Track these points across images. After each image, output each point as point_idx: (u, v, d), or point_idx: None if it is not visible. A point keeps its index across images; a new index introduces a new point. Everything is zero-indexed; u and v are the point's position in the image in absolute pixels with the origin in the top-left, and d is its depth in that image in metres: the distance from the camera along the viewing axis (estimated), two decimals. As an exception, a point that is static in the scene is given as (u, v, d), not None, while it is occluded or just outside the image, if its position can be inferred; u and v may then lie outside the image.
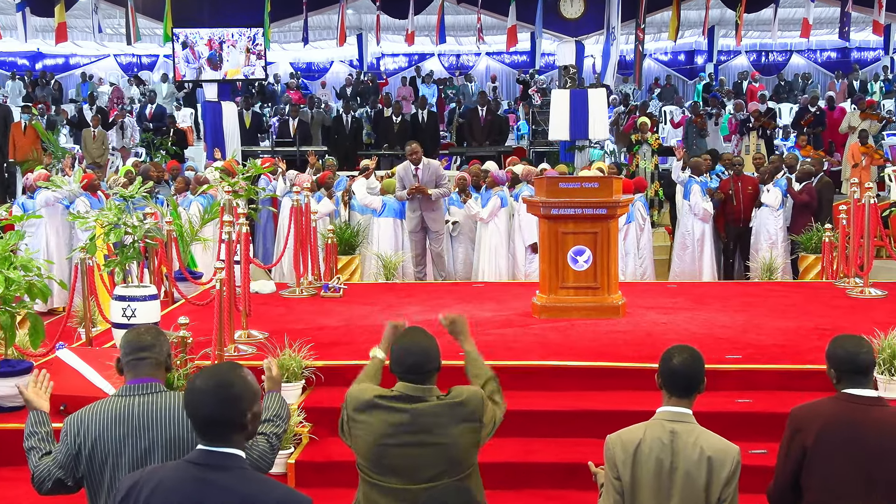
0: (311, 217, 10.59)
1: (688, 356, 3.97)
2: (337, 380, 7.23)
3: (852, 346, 4.17)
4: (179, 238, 10.27)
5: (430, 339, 4.09)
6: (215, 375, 3.18)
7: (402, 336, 4.15)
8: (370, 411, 4.01)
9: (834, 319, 8.76)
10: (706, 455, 3.82)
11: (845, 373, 4.13)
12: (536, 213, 9.14)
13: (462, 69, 28.80)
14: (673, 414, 3.93)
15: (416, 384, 4.00)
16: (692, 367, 3.95)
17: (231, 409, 3.12)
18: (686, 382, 3.95)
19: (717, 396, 6.94)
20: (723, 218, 12.67)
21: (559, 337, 8.20)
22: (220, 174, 10.08)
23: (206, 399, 3.12)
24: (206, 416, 3.11)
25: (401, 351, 4.05)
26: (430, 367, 4.03)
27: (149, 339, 3.91)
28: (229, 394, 3.13)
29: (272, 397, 4.11)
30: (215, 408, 3.10)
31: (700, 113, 19.09)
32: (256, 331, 8.28)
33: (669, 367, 3.96)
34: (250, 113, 19.63)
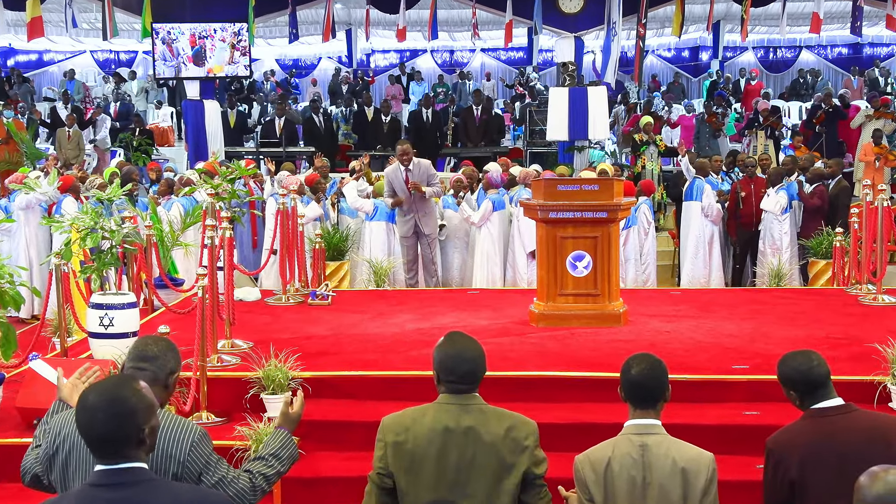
0: (297, 221, 10.59)
1: (646, 366, 4.00)
2: (325, 391, 7.23)
3: (802, 364, 4.21)
4: (160, 243, 10.27)
5: (478, 345, 4.09)
6: (109, 391, 3.14)
7: (447, 342, 4.09)
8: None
9: (845, 328, 8.77)
10: (679, 466, 3.84)
11: (804, 392, 4.18)
12: (534, 216, 9.14)
13: (456, 66, 28.84)
14: (641, 427, 3.95)
15: (465, 394, 4.00)
16: (652, 377, 3.98)
17: (126, 425, 3.09)
18: (647, 393, 3.97)
19: (725, 408, 6.95)
20: (734, 221, 12.67)
21: (558, 346, 8.20)
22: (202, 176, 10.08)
23: (98, 416, 3.08)
24: (102, 434, 3.08)
25: (450, 359, 4.01)
26: (482, 373, 4.04)
27: (154, 351, 3.89)
28: (124, 409, 3.09)
29: (278, 434, 4.03)
30: (110, 424, 3.07)
31: (714, 112, 19.13)
32: (241, 340, 8.26)
33: (629, 379, 3.99)
34: (235, 112, 19.63)
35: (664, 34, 27.28)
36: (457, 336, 4.13)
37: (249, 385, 6.95)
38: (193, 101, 17.63)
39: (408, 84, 25.64)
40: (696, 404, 6.90)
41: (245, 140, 19.81)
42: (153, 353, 3.88)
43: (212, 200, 9.26)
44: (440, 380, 4.04)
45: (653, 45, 28.76)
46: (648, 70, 28.47)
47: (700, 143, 18.42)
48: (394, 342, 8.33)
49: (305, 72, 29.12)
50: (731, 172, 13.64)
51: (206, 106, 17.57)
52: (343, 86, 25.02)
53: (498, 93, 27.21)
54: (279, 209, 10.31)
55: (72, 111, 19.91)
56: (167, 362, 3.90)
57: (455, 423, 3.94)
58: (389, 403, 4.34)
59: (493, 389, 7.20)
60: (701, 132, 18.78)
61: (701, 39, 28.74)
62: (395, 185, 11.69)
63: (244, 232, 13.36)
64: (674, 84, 26.83)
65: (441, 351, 4.06)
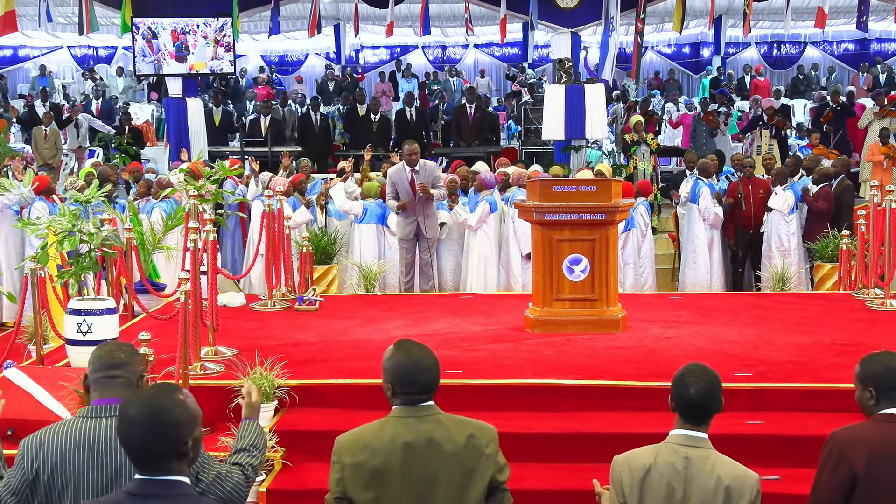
0: (284, 223, 10.59)
1: (704, 386, 3.97)
2: (313, 400, 7.24)
3: (890, 360, 4.16)
4: (140, 246, 10.25)
5: (429, 352, 4.07)
6: (150, 402, 3.15)
7: (400, 352, 4.06)
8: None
9: (852, 334, 8.79)
10: (724, 484, 3.82)
11: (885, 390, 4.11)
12: (529, 218, 9.15)
13: (448, 62, 28.86)
14: (687, 438, 3.94)
15: (421, 405, 3.98)
16: (711, 396, 3.96)
17: (169, 437, 3.10)
18: (704, 412, 3.96)
19: (726, 418, 6.89)
20: (731, 223, 12.70)
21: (554, 353, 8.21)
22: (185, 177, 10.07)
23: (139, 428, 3.09)
24: (143, 447, 3.08)
25: (403, 369, 3.99)
26: (434, 384, 4.02)
27: (122, 357, 3.88)
28: (166, 421, 3.11)
29: (249, 425, 4.10)
30: (152, 437, 3.08)
31: (711, 110, 19.14)
32: (225, 347, 8.26)
33: (686, 399, 3.95)
34: (220, 110, 19.63)
35: (664, 29, 27.32)
36: (409, 345, 4.10)
37: (234, 394, 6.94)
38: (175, 99, 17.62)
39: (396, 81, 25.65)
40: (698, 413, 6.90)
41: (229, 139, 19.80)
42: (121, 359, 3.86)
43: (195, 202, 9.25)
44: (395, 392, 4.00)
45: (652, 40, 28.80)
46: (648, 67, 28.51)
47: (697, 143, 18.44)
48: (384, 349, 8.27)
49: (292, 69, 29.12)
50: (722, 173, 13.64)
51: (188, 104, 17.55)
52: (329, 83, 25.02)
53: (492, 90, 27.23)
54: (265, 211, 10.30)
55: (50, 109, 19.89)
56: (136, 367, 3.90)
57: (415, 436, 3.92)
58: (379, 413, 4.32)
59: (487, 398, 7.23)
60: (697, 131, 18.80)
61: (702, 35, 28.79)
62: (398, 186, 11.57)
63: (230, 234, 13.36)
64: (669, 81, 26.83)
65: (394, 362, 4.02)
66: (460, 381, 7.32)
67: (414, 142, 12.00)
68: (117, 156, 17.53)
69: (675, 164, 18.61)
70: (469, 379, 7.42)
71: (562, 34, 17.54)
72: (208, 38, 17.42)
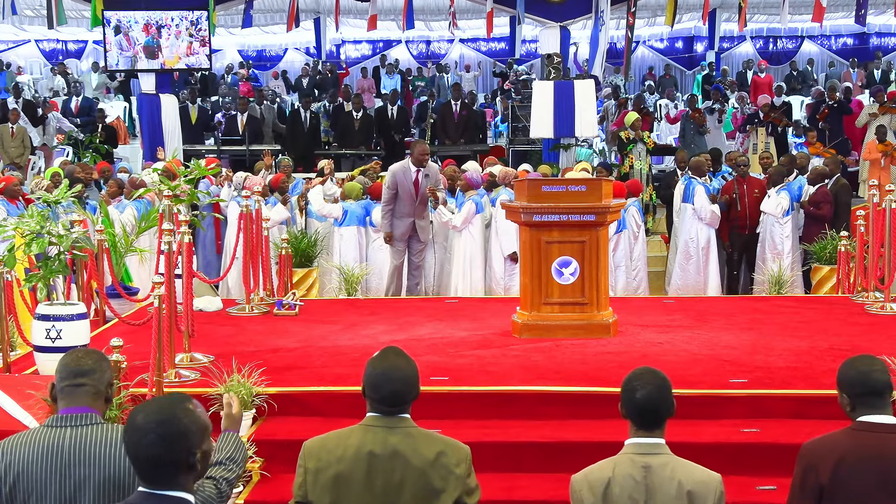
0: (262, 225, 10.57)
1: (652, 388, 3.99)
2: (292, 408, 7.22)
3: (864, 365, 4.18)
4: (112, 249, 10.23)
5: (409, 363, 4.07)
6: (159, 410, 3.15)
7: (377, 358, 4.10)
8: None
9: (851, 338, 8.82)
10: (685, 489, 3.84)
11: (859, 396, 4.14)
12: (517, 219, 9.15)
13: (433, 58, 28.87)
14: (644, 446, 3.96)
15: (393, 416, 3.99)
16: (659, 398, 3.98)
17: (177, 448, 3.09)
18: (655, 416, 3.98)
19: (722, 425, 6.97)
20: (726, 225, 12.72)
21: (543, 359, 8.21)
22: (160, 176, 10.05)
23: (148, 437, 3.09)
24: (150, 457, 3.08)
25: (377, 376, 4.01)
26: (410, 396, 4.01)
27: (89, 364, 3.86)
28: (175, 430, 3.10)
29: (227, 437, 4.08)
30: (159, 447, 3.08)
31: (698, 107, 19.18)
32: (200, 354, 8.24)
33: (634, 403, 3.98)
34: (196, 107, 19.57)
35: (656, 23, 27.39)
36: (390, 352, 4.12)
37: (210, 402, 6.92)
38: (149, 96, 17.57)
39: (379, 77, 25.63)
40: (692, 421, 6.91)
41: (205, 137, 19.76)
42: (88, 366, 3.85)
43: (169, 203, 9.23)
44: (366, 398, 4.04)
45: (644, 35, 28.86)
46: (639, 62, 28.57)
47: (685, 141, 18.47)
48: (366, 355, 8.21)
49: (270, 64, 29.08)
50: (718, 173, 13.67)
51: (162, 101, 17.51)
52: (304, 79, 24.95)
53: (479, 87, 27.25)
54: (242, 212, 10.28)
55: (23, 106, 19.81)
56: (104, 374, 3.88)
57: (381, 446, 3.93)
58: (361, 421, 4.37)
59: (473, 406, 7.24)
60: (686, 129, 18.83)
61: (696, 29, 28.86)
62: (400, 185, 11.46)
63: (206, 236, 13.33)
64: (665, 77, 26.90)
65: (369, 366, 4.06)
66: (446, 389, 7.32)
67: (424, 142, 12.02)
68: (88, 154, 17.46)
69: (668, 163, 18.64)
70: (455, 386, 7.41)
71: (550, 28, 17.56)
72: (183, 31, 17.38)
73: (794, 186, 12.56)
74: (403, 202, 11.50)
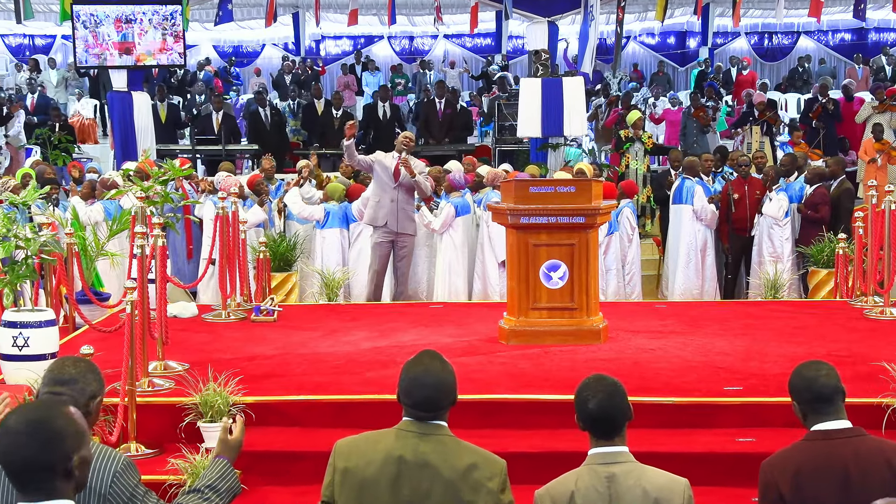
0: (239, 227, 10.56)
1: (603, 396, 4.01)
2: (271, 418, 7.22)
3: (810, 372, 4.25)
4: (82, 253, 10.20)
5: (445, 368, 4.07)
6: (31, 413, 3.10)
7: (412, 361, 4.09)
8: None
9: (849, 344, 8.86)
10: (651, 497, 3.86)
11: (808, 403, 4.21)
12: (503, 222, 9.16)
13: (416, 54, 28.88)
14: (606, 455, 3.97)
15: (428, 421, 3.99)
16: (612, 406, 4.00)
17: (52, 451, 3.03)
18: (611, 424, 4.00)
19: (716, 435, 6.99)
20: (726, 226, 12.74)
21: (531, 366, 8.22)
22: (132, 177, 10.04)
23: (20, 440, 3.02)
24: (23, 461, 3.03)
25: (410, 380, 4.01)
26: (445, 402, 4.01)
27: (72, 373, 3.83)
28: (49, 433, 3.04)
29: (216, 464, 3.93)
30: (33, 450, 3.02)
31: (701, 105, 19.19)
32: (175, 362, 8.23)
33: (587, 413, 4.01)
34: (166, 105, 19.52)
35: (647, 18, 27.46)
36: (425, 356, 4.12)
37: (185, 412, 6.92)
38: (120, 93, 17.50)
39: (361, 74, 25.60)
40: (684, 430, 6.94)
41: (179, 136, 19.71)
42: (71, 375, 3.82)
43: (142, 205, 9.21)
44: (400, 401, 4.05)
45: (635, 30, 28.94)
46: (630, 58, 28.62)
47: (687, 141, 18.50)
48: (348, 363, 8.32)
49: (248, 60, 29.03)
50: (719, 172, 13.71)
51: (134, 98, 17.45)
52: (286, 76, 24.94)
53: (464, 84, 27.26)
54: (218, 214, 10.27)
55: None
56: (87, 385, 3.83)
57: (412, 452, 3.93)
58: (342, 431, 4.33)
59: (458, 415, 7.21)
60: (688, 128, 18.84)
61: (688, 24, 28.94)
62: (378, 162, 11.44)
63: (178, 240, 13.29)
64: (658, 74, 26.94)
65: (404, 370, 4.07)
66: (430, 397, 7.32)
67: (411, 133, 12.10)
68: (55, 153, 17.39)
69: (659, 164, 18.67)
70: (439, 395, 7.41)
71: (538, 24, 17.58)
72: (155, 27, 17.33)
73: (795, 187, 12.58)
74: (383, 183, 11.49)
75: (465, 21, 24.02)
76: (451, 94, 20.47)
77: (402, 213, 11.54)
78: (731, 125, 19.99)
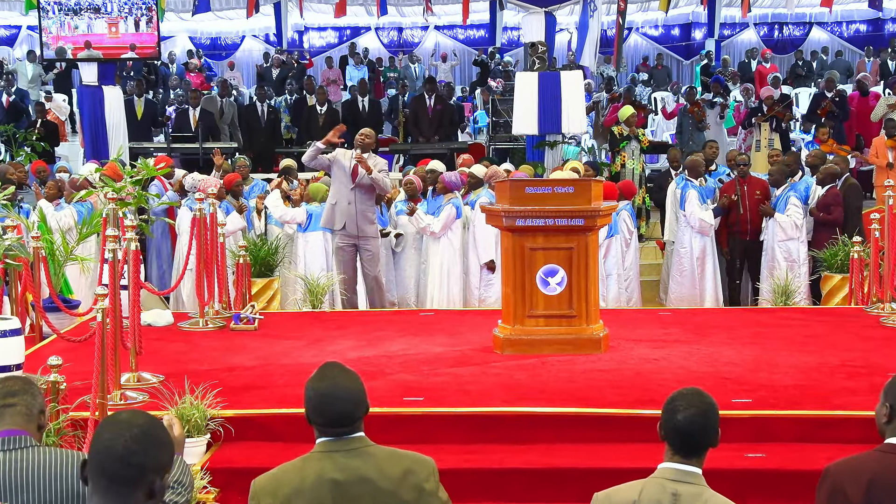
0: (217, 231, 10.55)
1: (696, 412, 3.98)
2: (251, 432, 7.21)
3: None
4: (50, 258, 10.18)
5: (352, 378, 4.04)
6: (140, 415, 3.14)
7: (318, 378, 4.04)
8: None
9: (865, 353, 8.86)
10: None
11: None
12: (498, 224, 9.16)
13: (405, 46, 28.90)
14: (677, 472, 3.95)
15: (342, 437, 3.96)
16: (703, 425, 3.97)
17: (153, 458, 3.07)
18: (694, 442, 3.98)
19: (723, 450, 6.91)
20: (726, 229, 12.75)
21: (527, 377, 8.22)
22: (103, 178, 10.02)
23: (128, 435, 3.06)
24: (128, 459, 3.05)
25: (320, 398, 3.97)
26: (360, 412, 3.98)
27: (19, 385, 3.90)
28: (155, 440, 3.10)
29: (174, 461, 4.06)
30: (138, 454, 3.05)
31: (697, 100, 19.20)
32: (149, 373, 8.21)
33: (675, 426, 3.96)
34: (143, 101, 19.51)
35: (650, 9, 27.51)
36: (328, 369, 4.08)
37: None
38: (90, 88, 17.48)
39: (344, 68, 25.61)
40: (691, 445, 6.94)
41: (154, 134, 19.69)
42: (18, 387, 3.91)
43: (114, 206, 9.20)
44: (311, 422, 4.01)
45: (637, 21, 28.97)
46: (632, 51, 28.66)
47: (683, 138, 18.50)
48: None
49: (226, 53, 29.03)
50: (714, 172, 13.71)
51: (105, 93, 17.43)
52: (275, 70, 24.95)
53: (456, 78, 27.28)
54: (195, 217, 10.25)
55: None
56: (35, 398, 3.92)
57: (342, 472, 3.90)
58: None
59: (451, 429, 7.24)
60: (684, 125, 18.84)
61: (694, 14, 28.98)
62: (336, 162, 11.50)
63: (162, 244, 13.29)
64: (657, 68, 26.91)
65: (309, 388, 4.02)
66: (420, 410, 7.32)
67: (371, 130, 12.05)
68: (22, 152, 17.35)
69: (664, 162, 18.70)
70: (430, 407, 7.41)
71: (534, 14, 17.57)
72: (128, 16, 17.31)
73: (801, 187, 12.57)
74: (340, 184, 11.51)
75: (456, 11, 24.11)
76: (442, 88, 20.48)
77: (361, 216, 11.53)
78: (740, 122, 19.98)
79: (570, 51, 23.14)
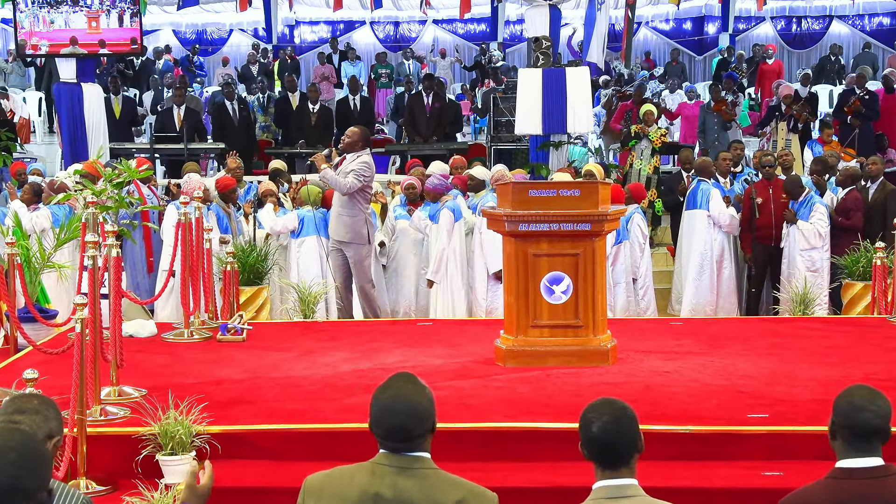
0: (203, 236, 10.54)
1: (609, 420, 4.03)
2: (239, 450, 7.20)
3: (861, 399, 4.20)
4: (25, 264, 10.18)
5: (420, 391, 4.03)
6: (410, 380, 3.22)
7: (383, 387, 4.05)
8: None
9: (888, 366, 8.86)
10: None
11: (842, 429, 4.20)
12: (500, 229, 9.15)
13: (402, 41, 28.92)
14: (611, 489, 3.99)
15: (401, 453, 3.96)
16: (619, 433, 4.01)
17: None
18: (615, 452, 4.01)
19: (738, 468, 7.00)
20: (749, 235, 12.74)
21: (531, 391, 8.23)
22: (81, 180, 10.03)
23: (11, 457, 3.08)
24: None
25: (379, 408, 3.98)
26: (420, 430, 3.97)
27: (32, 405, 3.89)
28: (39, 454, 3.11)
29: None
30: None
31: (723, 98, 19.12)
32: (131, 387, 8.21)
33: (590, 438, 4.03)
34: (121, 98, 19.51)
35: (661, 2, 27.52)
36: (396, 379, 4.08)
37: (142, 443, 6.91)
38: (69, 85, 17.47)
39: (340, 64, 25.60)
40: (703, 462, 6.94)
41: (136, 134, 19.69)
42: (34, 405, 3.89)
43: (94, 210, 9.20)
44: (372, 432, 4.03)
45: (647, 15, 28.98)
46: (641, 46, 28.65)
47: (707, 138, 18.45)
48: (325, 387, 8.31)
49: (212, 48, 29.05)
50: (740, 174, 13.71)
51: (84, 90, 17.43)
52: (252, 66, 24.86)
53: (455, 75, 27.29)
54: (180, 221, 10.25)
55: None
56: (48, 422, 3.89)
57: (390, 489, 3.90)
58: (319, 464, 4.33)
59: (449, 445, 7.22)
60: (707, 123, 18.78)
61: (707, 8, 28.98)
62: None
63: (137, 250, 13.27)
64: (672, 64, 26.91)
65: (374, 397, 4.04)
66: (418, 426, 7.32)
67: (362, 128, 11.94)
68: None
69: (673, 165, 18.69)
70: (428, 423, 7.41)
71: (538, 7, 17.59)
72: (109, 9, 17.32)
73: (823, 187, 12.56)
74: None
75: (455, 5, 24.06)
76: (440, 86, 20.47)
77: (337, 219, 11.53)
78: (756, 124, 19.95)
79: (571, 46, 23.20)
